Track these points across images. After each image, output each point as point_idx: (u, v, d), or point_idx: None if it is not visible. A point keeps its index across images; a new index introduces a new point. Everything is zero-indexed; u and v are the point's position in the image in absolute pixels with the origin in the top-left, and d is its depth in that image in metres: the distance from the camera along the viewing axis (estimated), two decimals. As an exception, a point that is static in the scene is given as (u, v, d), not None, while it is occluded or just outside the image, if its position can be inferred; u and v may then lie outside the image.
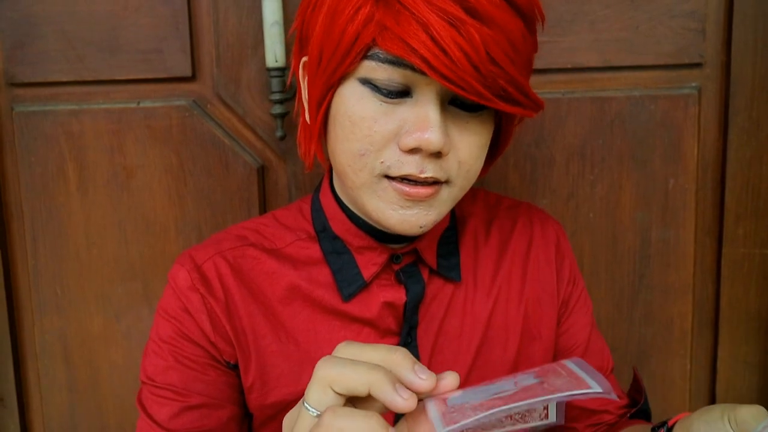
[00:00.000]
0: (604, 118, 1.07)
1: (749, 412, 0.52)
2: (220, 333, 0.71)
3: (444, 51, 0.55)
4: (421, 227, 0.64)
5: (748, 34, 1.03)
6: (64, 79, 1.08)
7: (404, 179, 0.62)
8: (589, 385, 0.45)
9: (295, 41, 0.70)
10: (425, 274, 0.75)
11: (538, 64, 1.04)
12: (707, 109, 1.07)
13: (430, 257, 0.75)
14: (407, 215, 0.63)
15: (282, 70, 1.02)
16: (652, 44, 1.04)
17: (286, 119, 1.06)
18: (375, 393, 0.44)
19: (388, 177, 0.63)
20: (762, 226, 1.08)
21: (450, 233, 0.78)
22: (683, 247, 1.10)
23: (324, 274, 0.74)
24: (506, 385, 0.47)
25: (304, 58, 0.68)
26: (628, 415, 0.84)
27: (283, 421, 0.50)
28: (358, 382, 0.44)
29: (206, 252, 0.74)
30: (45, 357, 1.15)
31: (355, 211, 0.72)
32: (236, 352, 0.72)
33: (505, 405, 0.44)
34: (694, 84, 1.06)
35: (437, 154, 0.61)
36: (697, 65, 1.05)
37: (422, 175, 0.61)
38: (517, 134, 1.07)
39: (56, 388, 1.16)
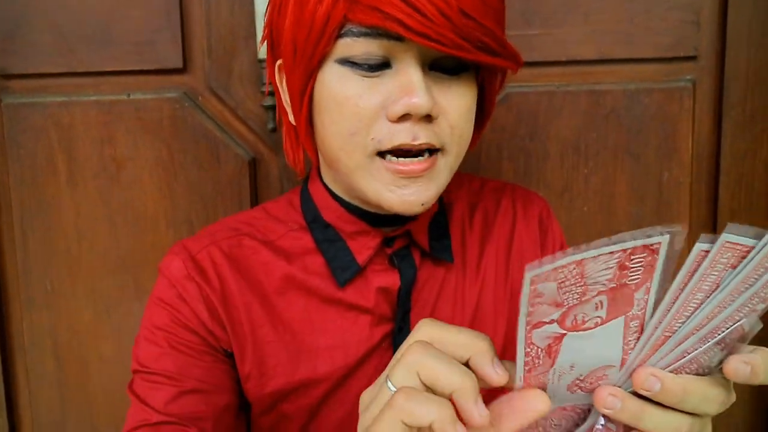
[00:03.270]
0: (599, 111, 1.06)
1: None
2: (217, 321, 0.70)
3: (417, 10, 0.56)
4: (422, 204, 0.64)
5: (743, 26, 1.03)
6: (55, 70, 1.07)
7: (398, 154, 0.62)
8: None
9: (267, 51, 0.71)
10: (417, 257, 0.75)
11: (532, 56, 1.04)
12: (702, 103, 1.06)
13: (423, 239, 0.75)
14: (405, 194, 0.63)
15: (274, 62, 1.01)
16: (646, 37, 1.04)
17: (278, 111, 1.05)
18: (457, 399, 0.43)
19: (381, 155, 0.63)
20: (756, 220, 1.08)
21: (440, 217, 0.78)
22: (677, 241, 1.09)
23: (318, 263, 0.73)
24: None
25: (279, 61, 0.68)
26: None
27: (361, 397, 0.49)
28: (446, 382, 0.43)
29: (200, 242, 0.73)
30: (34, 351, 1.14)
31: (348, 198, 0.72)
32: (231, 342, 0.71)
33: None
34: (688, 77, 1.05)
35: (427, 118, 0.61)
36: (692, 58, 1.05)
37: (416, 142, 0.61)
38: (511, 127, 1.07)
39: (45, 382, 1.15)
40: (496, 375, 0.44)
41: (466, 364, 0.45)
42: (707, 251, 0.39)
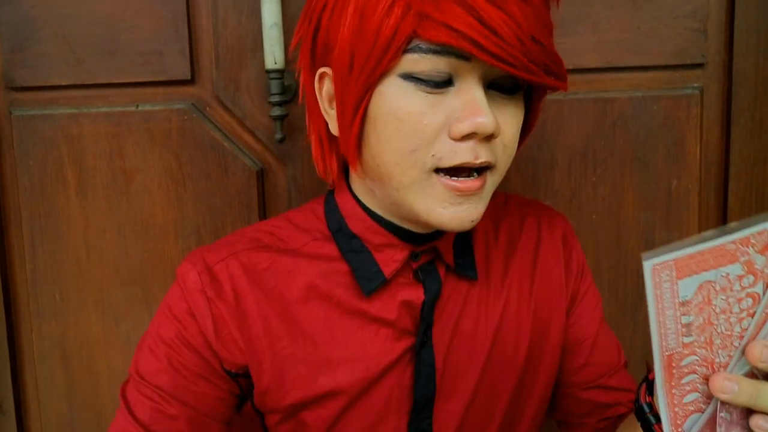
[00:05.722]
0: (606, 119, 1.06)
1: None
2: (223, 340, 0.70)
3: (494, 31, 0.55)
4: (472, 221, 0.64)
5: (750, 33, 1.03)
6: (64, 82, 1.07)
7: (454, 171, 0.62)
8: None
9: (305, 54, 0.69)
10: (442, 272, 0.74)
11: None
12: (710, 110, 1.06)
13: (448, 256, 0.74)
14: (459, 211, 0.63)
15: (281, 72, 1.02)
16: (654, 45, 1.03)
17: (286, 122, 1.05)
18: None
19: (437, 171, 0.62)
20: (766, 227, 1.07)
21: (465, 233, 0.77)
22: (687, 248, 1.08)
23: (342, 272, 0.72)
24: None
25: (323, 69, 0.66)
26: None
27: None
28: None
29: (219, 253, 0.72)
30: (44, 362, 1.14)
31: (381, 212, 0.71)
32: (246, 358, 0.70)
33: None
34: (696, 84, 1.05)
35: (489, 138, 0.61)
36: (700, 65, 1.04)
37: (477, 161, 0.61)
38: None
39: (55, 393, 1.15)
40: None
41: None
42: None
